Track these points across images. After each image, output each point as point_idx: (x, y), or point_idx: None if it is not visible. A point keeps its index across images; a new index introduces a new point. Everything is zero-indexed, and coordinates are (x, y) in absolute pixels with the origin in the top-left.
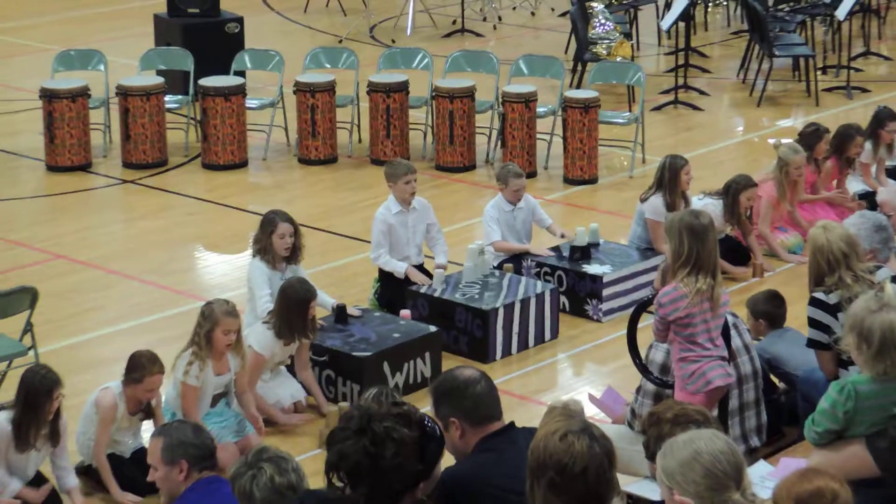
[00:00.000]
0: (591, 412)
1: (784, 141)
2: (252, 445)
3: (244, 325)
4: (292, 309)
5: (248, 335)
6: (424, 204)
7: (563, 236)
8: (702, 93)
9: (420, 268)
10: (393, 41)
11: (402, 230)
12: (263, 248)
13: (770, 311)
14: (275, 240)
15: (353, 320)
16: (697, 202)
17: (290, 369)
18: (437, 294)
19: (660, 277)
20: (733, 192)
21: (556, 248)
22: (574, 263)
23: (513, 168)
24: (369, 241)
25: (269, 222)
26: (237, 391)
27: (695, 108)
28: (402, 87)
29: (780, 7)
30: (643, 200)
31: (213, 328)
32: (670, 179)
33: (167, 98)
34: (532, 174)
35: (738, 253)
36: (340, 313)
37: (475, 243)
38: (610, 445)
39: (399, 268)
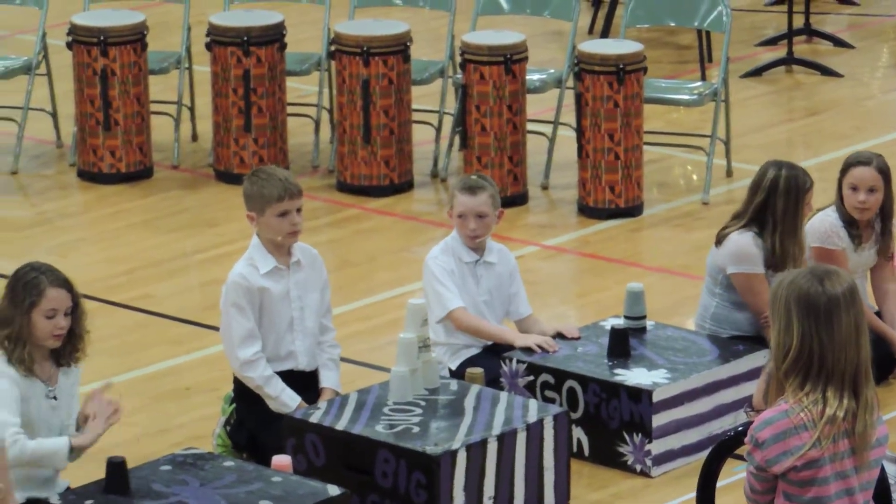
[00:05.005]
0: None
1: None
2: None
3: None
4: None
5: None
6: (315, 257)
7: (561, 336)
8: (840, 43)
9: (310, 376)
10: None
11: (280, 303)
12: (13, 337)
13: None
14: (36, 319)
15: (188, 472)
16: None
17: None
18: (341, 425)
19: (762, 389)
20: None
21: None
22: (602, 362)
23: (465, 180)
24: (211, 328)
25: (29, 287)
26: None
27: (827, 71)
28: (273, 36)
29: None
30: (720, 241)
31: None
32: (787, 211)
33: None
34: (519, 198)
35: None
36: (117, 468)
37: (408, 332)
38: None
39: (288, 401)
